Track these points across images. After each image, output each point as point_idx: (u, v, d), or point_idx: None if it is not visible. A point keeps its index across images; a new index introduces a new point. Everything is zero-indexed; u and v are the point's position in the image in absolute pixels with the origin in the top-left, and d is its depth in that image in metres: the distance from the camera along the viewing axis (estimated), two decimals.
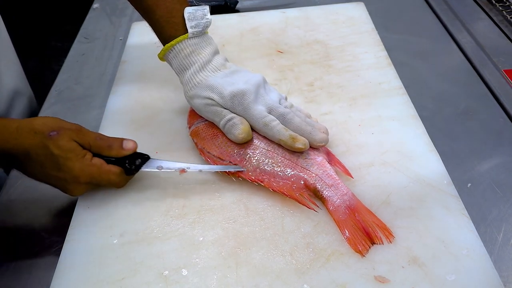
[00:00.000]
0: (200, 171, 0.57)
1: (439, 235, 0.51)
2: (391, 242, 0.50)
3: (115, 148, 0.55)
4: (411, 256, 0.49)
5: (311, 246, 0.51)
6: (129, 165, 0.56)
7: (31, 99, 0.86)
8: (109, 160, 0.55)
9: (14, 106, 0.80)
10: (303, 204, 0.54)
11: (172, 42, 0.60)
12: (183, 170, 0.56)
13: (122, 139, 0.56)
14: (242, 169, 0.56)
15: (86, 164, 0.53)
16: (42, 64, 2.15)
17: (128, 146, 0.56)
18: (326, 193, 0.54)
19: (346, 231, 0.51)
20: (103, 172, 0.54)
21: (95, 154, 0.55)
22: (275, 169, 0.56)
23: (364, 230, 0.51)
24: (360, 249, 0.50)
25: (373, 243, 0.50)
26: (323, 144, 0.58)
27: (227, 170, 0.57)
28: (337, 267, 0.49)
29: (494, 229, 0.54)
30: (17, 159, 0.52)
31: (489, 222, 0.54)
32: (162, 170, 0.56)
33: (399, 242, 0.51)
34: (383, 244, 0.50)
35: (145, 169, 0.56)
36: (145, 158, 0.57)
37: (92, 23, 0.96)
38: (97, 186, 0.57)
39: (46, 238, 0.56)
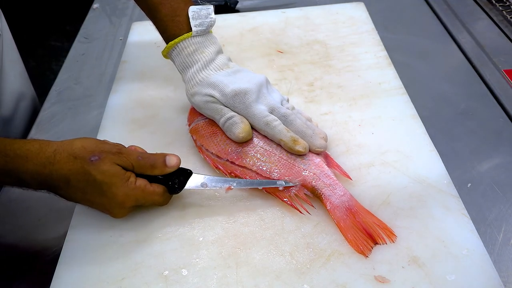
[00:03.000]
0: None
1: (439, 235, 0.51)
2: (393, 242, 0.50)
3: (159, 167, 0.52)
4: (411, 256, 0.49)
5: (311, 246, 0.51)
6: (173, 183, 0.53)
7: (34, 100, 0.86)
8: (151, 177, 0.52)
9: (18, 108, 0.80)
10: (295, 208, 0.54)
11: (176, 40, 0.60)
12: (229, 188, 0.55)
13: (164, 155, 0.53)
14: (291, 184, 0.55)
15: (131, 188, 0.51)
16: (42, 64, 2.15)
17: (171, 163, 0.53)
18: (325, 191, 0.54)
19: (347, 233, 0.51)
20: (147, 194, 0.52)
21: (138, 174, 0.52)
22: (273, 168, 0.56)
23: (365, 231, 0.51)
24: (363, 250, 0.50)
25: (375, 243, 0.50)
26: (321, 150, 0.58)
27: (273, 186, 0.55)
28: (337, 267, 0.49)
29: (494, 229, 0.54)
30: (55, 185, 0.49)
31: (489, 222, 0.54)
32: (207, 188, 0.54)
33: (399, 242, 0.51)
34: (386, 244, 0.50)
35: (189, 187, 0.54)
36: (187, 173, 0.54)
37: (92, 23, 0.96)
38: (141, 206, 0.54)
39: (46, 238, 0.56)
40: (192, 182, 0.54)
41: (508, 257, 0.51)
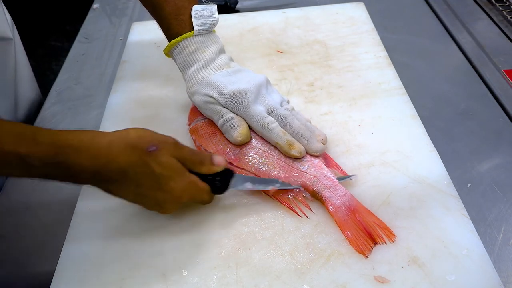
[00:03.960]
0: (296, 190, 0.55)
1: (439, 235, 0.51)
2: (393, 242, 0.50)
3: (207, 164, 0.51)
4: (411, 256, 0.49)
5: (311, 246, 0.51)
6: (219, 182, 0.52)
7: (41, 103, 0.86)
8: (196, 175, 0.51)
9: (29, 112, 0.81)
10: (293, 211, 0.54)
11: (177, 39, 0.60)
12: (273, 189, 0.54)
13: (211, 155, 0.52)
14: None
15: (187, 182, 0.50)
16: (42, 64, 2.15)
17: (218, 162, 0.52)
18: (326, 194, 0.54)
19: (348, 232, 0.51)
20: (199, 191, 0.51)
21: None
22: (271, 170, 0.56)
23: (365, 231, 0.51)
24: (363, 250, 0.50)
25: (375, 243, 0.50)
26: (318, 154, 0.57)
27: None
28: (337, 267, 0.49)
29: (494, 229, 0.54)
30: (107, 178, 0.47)
31: (489, 222, 0.54)
32: (251, 188, 0.54)
33: (399, 242, 0.51)
34: (386, 244, 0.50)
35: (233, 188, 0.53)
36: (230, 174, 0.53)
37: (92, 23, 0.96)
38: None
39: (46, 238, 0.56)
40: (236, 184, 0.53)
41: (508, 257, 0.51)
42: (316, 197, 0.54)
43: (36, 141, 0.43)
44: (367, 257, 0.49)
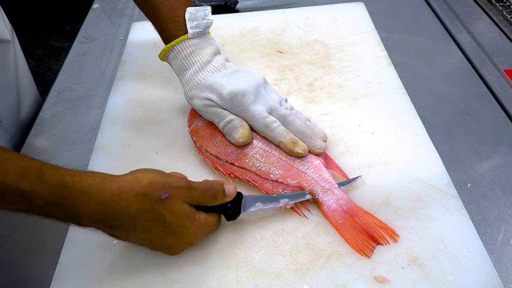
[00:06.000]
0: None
1: (439, 235, 0.51)
2: (396, 241, 0.50)
3: (219, 199, 0.50)
4: (411, 256, 0.49)
5: (311, 246, 0.51)
6: (231, 209, 0.51)
7: (39, 103, 0.86)
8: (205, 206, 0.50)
9: (29, 112, 0.81)
10: (294, 211, 0.54)
11: (172, 43, 0.60)
12: (284, 206, 0.53)
13: (222, 184, 0.50)
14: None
15: (199, 226, 0.49)
16: (42, 64, 2.15)
17: (230, 192, 0.50)
18: (322, 197, 0.54)
19: (347, 235, 0.51)
20: (208, 227, 0.50)
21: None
22: (271, 169, 0.56)
23: (365, 232, 0.51)
24: (364, 251, 0.50)
25: (377, 243, 0.50)
26: (321, 151, 0.58)
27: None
28: (337, 268, 0.49)
29: (494, 229, 0.54)
30: (115, 225, 0.45)
31: (489, 222, 0.54)
32: (262, 208, 0.53)
33: (399, 242, 0.51)
34: (389, 244, 0.50)
35: (245, 212, 0.52)
36: (239, 196, 0.52)
37: (92, 23, 0.96)
38: None
39: (46, 237, 0.56)
40: (247, 206, 0.52)
41: (508, 257, 0.51)
42: (313, 199, 0.54)
43: (42, 179, 0.41)
44: (369, 257, 0.49)
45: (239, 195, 0.52)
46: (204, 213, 0.50)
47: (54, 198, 0.41)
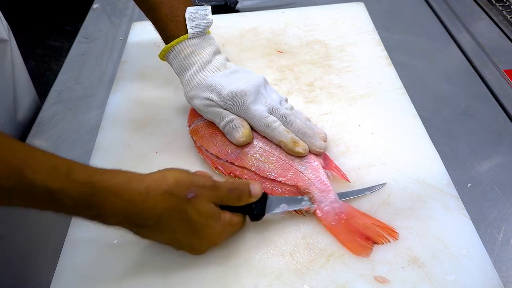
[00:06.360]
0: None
1: (439, 235, 0.51)
2: (396, 239, 0.50)
3: (244, 199, 0.50)
4: (411, 256, 0.49)
5: (311, 246, 0.51)
6: (256, 210, 0.51)
7: (37, 103, 0.86)
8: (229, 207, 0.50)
9: (26, 112, 0.81)
10: (294, 211, 0.53)
11: (172, 43, 0.60)
12: (307, 208, 0.53)
13: (248, 184, 0.50)
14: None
15: (224, 226, 0.48)
16: (42, 64, 2.15)
17: (256, 192, 0.50)
18: (317, 197, 0.53)
19: (341, 237, 0.51)
20: (233, 227, 0.50)
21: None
22: (271, 169, 0.56)
23: (361, 233, 0.51)
24: (361, 251, 0.50)
25: (374, 243, 0.50)
26: (321, 151, 0.58)
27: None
28: (337, 268, 0.49)
29: (494, 229, 0.54)
30: (141, 224, 0.45)
31: (489, 222, 0.54)
32: (287, 209, 0.52)
33: (399, 242, 0.51)
34: (389, 242, 0.50)
35: (269, 212, 0.52)
36: (264, 197, 0.52)
37: (92, 23, 0.96)
38: None
39: (46, 237, 0.56)
40: (271, 207, 0.52)
41: (508, 257, 0.51)
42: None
43: (71, 178, 0.41)
44: (367, 257, 0.49)
45: (264, 196, 0.52)
46: (229, 213, 0.49)
47: (82, 197, 0.41)
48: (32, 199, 0.41)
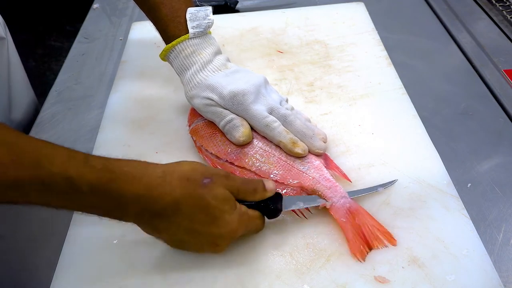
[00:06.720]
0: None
1: (439, 235, 0.51)
2: (394, 245, 0.50)
3: (260, 192, 0.49)
4: (411, 256, 0.49)
5: (311, 246, 0.51)
6: (273, 205, 0.50)
7: (35, 102, 0.86)
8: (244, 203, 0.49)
9: (23, 111, 0.80)
10: (294, 212, 0.53)
11: (173, 43, 0.60)
12: (323, 205, 0.53)
13: (261, 180, 0.50)
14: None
15: (241, 214, 0.47)
16: (42, 64, 2.15)
17: (270, 187, 0.50)
18: (326, 193, 0.54)
19: (348, 234, 0.51)
20: (251, 220, 0.49)
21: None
22: (271, 169, 0.56)
23: (363, 235, 0.50)
24: (359, 254, 0.49)
25: (370, 248, 0.50)
26: (321, 152, 0.58)
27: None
28: (337, 268, 0.49)
29: (494, 229, 0.54)
30: (159, 212, 0.44)
31: (489, 222, 0.54)
32: (303, 207, 0.52)
33: (399, 242, 0.51)
34: (386, 246, 0.50)
35: (287, 208, 0.52)
36: (279, 196, 0.51)
37: (92, 23, 0.96)
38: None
39: (46, 237, 0.56)
40: (286, 204, 0.52)
41: (508, 257, 0.51)
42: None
43: (89, 164, 0.41)
44: (362, 261, 0.49)
45: (278, 194, 0.52)
46: (243, 205, 0.48)
47: (100, 183, 0.41)
48: (49, 190, 0.40)
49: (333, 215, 0.53)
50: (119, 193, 0.42)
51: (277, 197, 0.51)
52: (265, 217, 0.52)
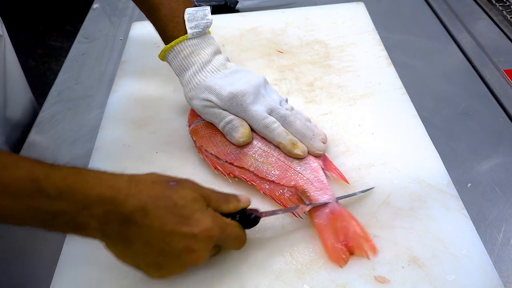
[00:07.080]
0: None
1: (439, 235, 0.51)
2: (375, 255, 0.49)
3: (233, 202, 0.48)
4: (411, 256, 0.49)
5: (311, 246, 0.51)
6: (248, 216, 0.49)
7: (32, 102, 0.86)
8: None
9: (20, 110, 0.80)
10: (292, 213, 0.53)
11: (171, 43, 0.60)
12: (302, 209, 0.52)
13: (234, 194, 0.50)
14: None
15: (215, 215, 0.46)
16: (42, 64, 2.15)
17: (244, 198, 0.49)
18: (313, 196, 0.53)
19: (323, 236, 0.50)
20: (227, 225, 0.47)
21: None
22: (269, 169, 0.56)
23: (344, 240, 0.50)
24: (338, 259, 0.49)
25: (351, 254, 0.49)
26: (320, 153, 0.57)
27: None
28: (337, 268, 0.49)
29: (494, 229, 0.54)
30: (128, 217, 0.42)
31: (489, 222, 0.54)
32: (282, 213, 0.53)
33: (399, 242, 0.51)
34: (368, 258, 0.49)
35: (266, 216, 0.51)
36: (253, 210, 0.50)
37: (92, 23, 0.96)
38: (218, 250, 0.50)
39: (46, 237, 0.56)
40: (266, 212, 0.51)
41: (508, 257, 0.51)
42: (304, 197, 0.54)
43: (56, 167, 0.41)
44: (341, 267, 0.48)
45: (252, 210, 0.50)
46: (217, 213, 0.47)
47: (66, 184, 0.40)
48: (12, 195, 0.39)
49: (311, 217, 0.52)
50: (85, 194, 0.41)
51: (255, 210, 0.50)
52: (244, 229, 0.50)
